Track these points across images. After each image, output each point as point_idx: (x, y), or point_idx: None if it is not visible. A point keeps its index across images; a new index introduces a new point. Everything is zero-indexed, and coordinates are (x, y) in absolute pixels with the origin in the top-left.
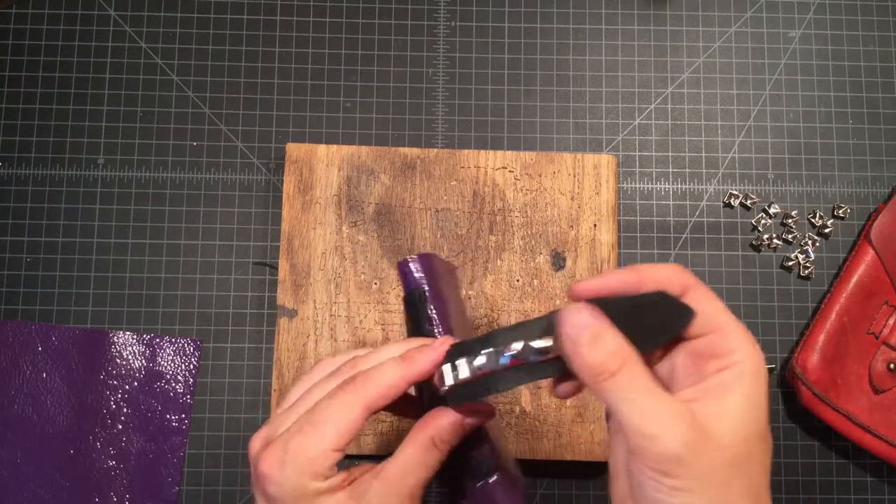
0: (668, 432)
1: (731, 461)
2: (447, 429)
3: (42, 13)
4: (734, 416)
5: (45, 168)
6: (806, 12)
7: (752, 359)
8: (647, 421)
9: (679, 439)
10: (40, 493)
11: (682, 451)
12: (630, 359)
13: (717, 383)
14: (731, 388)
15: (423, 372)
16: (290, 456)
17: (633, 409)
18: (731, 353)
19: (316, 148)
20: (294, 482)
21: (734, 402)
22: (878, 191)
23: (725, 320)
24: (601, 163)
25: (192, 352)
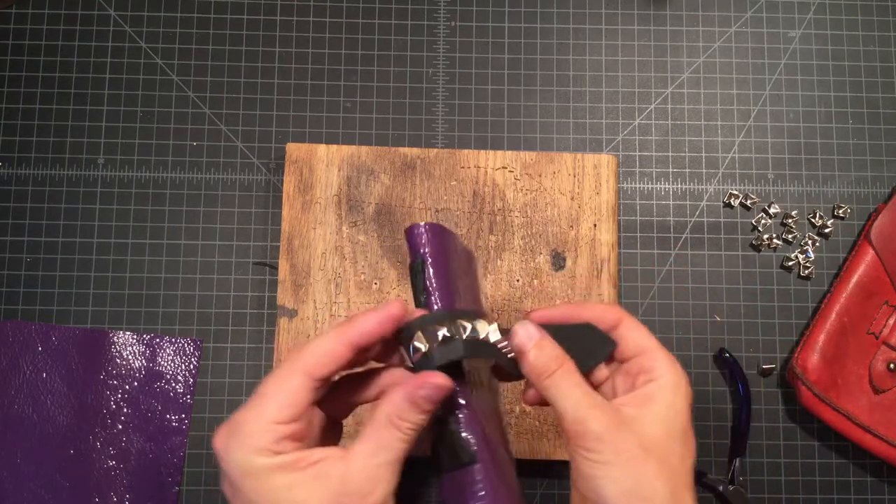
0: (592, 417)
1: (648, 447)
2: (399, 404)
3: (42, 13)
4: (655, 416)
5: (45, 168)
6: (806, 12)
7: (672, 374)
8: (576, 409)
9: (600, 422)
10: (40, 493)
11: (602, 431)
12: (566, 363)
13: (643, 392)
14: (654, 397)
15: (365, 334)
16: (233, 430)
17: (567, 401)
18: (654, 370)
19: (316, 148)
20: (239, 458)
21: (655, 406)
22: (878, 191)
23: (650, 344)
24: (601, 163)
25: (192, 352)
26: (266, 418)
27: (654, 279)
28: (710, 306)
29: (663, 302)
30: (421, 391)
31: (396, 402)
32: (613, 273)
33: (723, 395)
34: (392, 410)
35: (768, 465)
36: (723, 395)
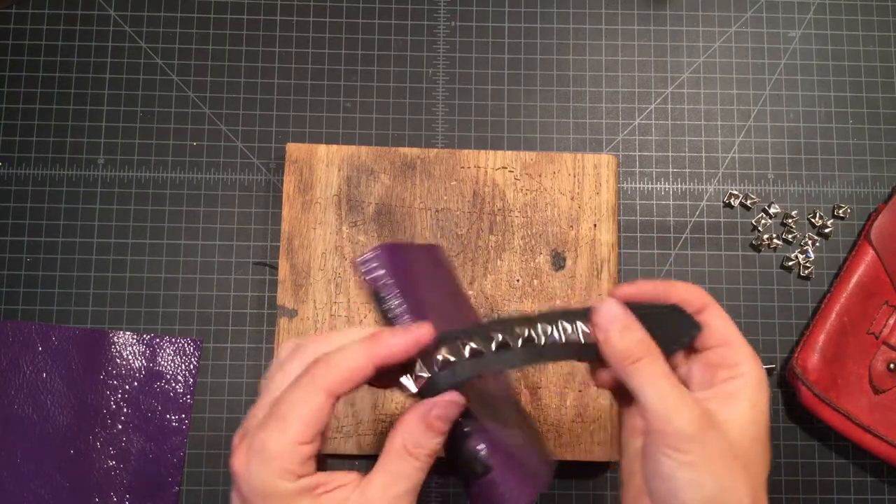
0: (682, 414)
1: (734, 454)
2: (413, 430)
3: (42, 13)
4: (740, 418)
5: (45, 168)
6: (806, 12)
7: (757, 371)
8: (665, 403)
9: (692, 420)
10: (40, 493)
11: (693, 431)
12: (653, 349)
13: (726, 389)
14: (738, 395)
15: (392, 355)
16: (255, 452)
17: (653, 393)
18: (738, 365)
19: (316, 148)
20: (262, 480)
21: (741, 406)
22: (878, 191)
23: (735, 336)
24: (601, 163)
25: (192, 352)
26: (290, 438)
27: (654, 279)
28: None
29: None
30: (434, 411)
31: (411, 428)
32: (613, 273)
33: None
34: (407, 439)
35: None
36: None
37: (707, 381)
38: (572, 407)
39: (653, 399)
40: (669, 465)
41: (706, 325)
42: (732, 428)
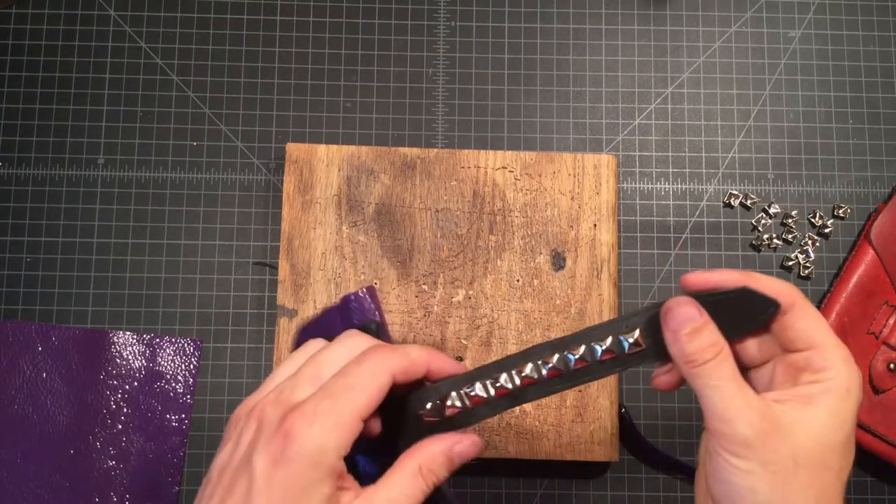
0: (742, 418)
1: (801, 460)
2: (435, 456)
3: (42, 13)
4: (814, 423)
5: (45, 168)
6: (806, 12)
7: (844, 377)
8: (726, 406)
9: (751, 425)
10: (40, 493)
11: (752, 437)
12: (723, 352)
13: (804, 392)
14: (816, 400)
15: (436, 370)
16: (321, 418)
17: (715, 395)
18: (825, 370)
19: (316, 148)
20: (318, 445)
21: (817, 412)
22: (878, 191)
23: (825, 339)
24: (601, 163)
25: (192, 352)
26: (357, 411)
27: (654, 279)
28: None
29: None
30: (458, 447)
31: (433, 454)
32: (613, 273)
33: None
34: (424, 461)
35: None
36: None
37: (788, 382)
38: (572, 407)
39: (714, 401)
40: (728, 469)
41: (792, 327)
42: (801, 434)
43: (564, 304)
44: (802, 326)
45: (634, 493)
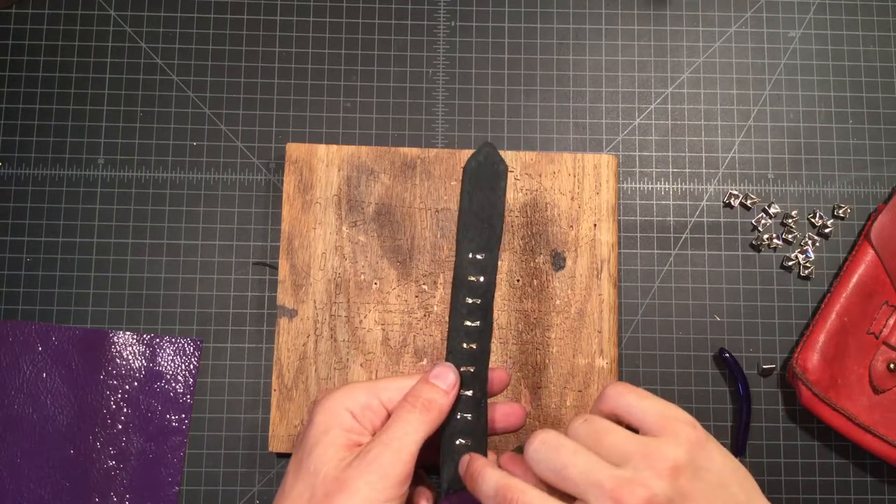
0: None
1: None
2: (417, 387)
3: (42, 13)
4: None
5: (45, 168)
6: (806, 12)
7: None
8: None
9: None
10: (40, 493)
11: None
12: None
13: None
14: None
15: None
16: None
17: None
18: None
19: (316, 148)
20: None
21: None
22: (878, 191)
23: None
24: (601, 163)
25: (192, 352)
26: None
27: (654, 279)
28: (710, 306)
29: (663, 302)
30: (434, 371)
31: (413, 386)
32: (613, 273)
33: (723, 395)
34: (408, 393)
35: (768, 465)
36: (723, 395)
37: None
38: (572, 407)
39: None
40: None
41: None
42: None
43: (564, 304)
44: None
45: None
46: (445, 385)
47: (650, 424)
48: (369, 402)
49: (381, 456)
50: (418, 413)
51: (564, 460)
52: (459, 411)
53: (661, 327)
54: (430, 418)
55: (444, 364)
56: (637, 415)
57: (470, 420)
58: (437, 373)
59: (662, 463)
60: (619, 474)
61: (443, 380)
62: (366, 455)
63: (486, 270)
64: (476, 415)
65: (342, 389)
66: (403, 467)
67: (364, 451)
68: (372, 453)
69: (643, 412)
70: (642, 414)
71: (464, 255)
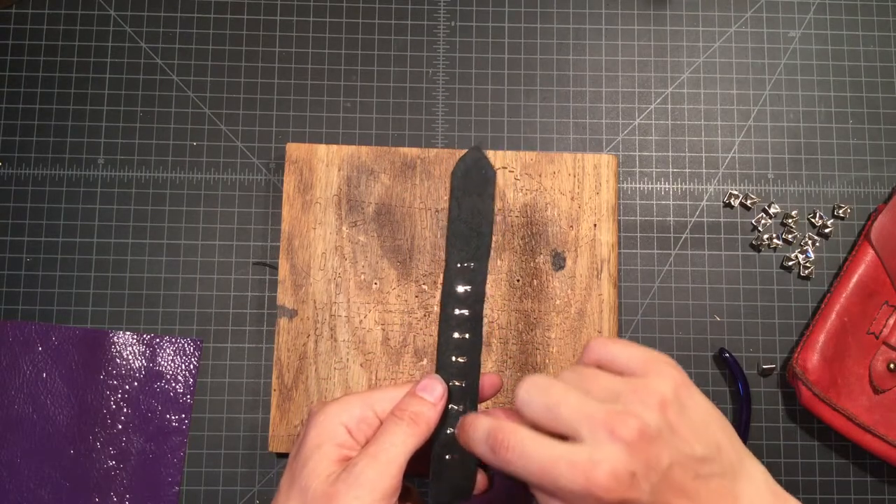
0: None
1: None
2: (406, 401)
3: (42, 13)
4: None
5: (45, 168)
6: (806, 12)
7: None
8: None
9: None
10: (40, 493)
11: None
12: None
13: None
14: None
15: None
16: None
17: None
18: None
19: (316, 148)
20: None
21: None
22: (878, 191)
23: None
24: (601, 163)
25: (192, 352)
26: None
27: (654, 279)
28: (710, 306)
29: (663, 302)
30: (421, 384)
31: (403, 398)
32: (613, 273)
33: (723, 395)
34: (397, 406)
35: (768, 465)
36: (723, 395)
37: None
38: None
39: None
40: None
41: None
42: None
43: (564, 304)
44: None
45: None
46: (433, 397)
47: (635, 367)
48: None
49: (368, 469)
50: (405, 426)
51: (555, 399)
52: (449, 426)
53: (661, 327)
54: (417, 431)
55: (432, 376)
56: (622, 360)
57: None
58: (425, 385)
59: (651, 397)
60: (610, 407)
61: (430, 392)
62: (353, 469)
63: (475, 280)
64: None
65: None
66: (391, 481)
67: (351, 464)
68: (359, 467)
69: (627, 357)
70: (626, 359)
71: (452, 264)
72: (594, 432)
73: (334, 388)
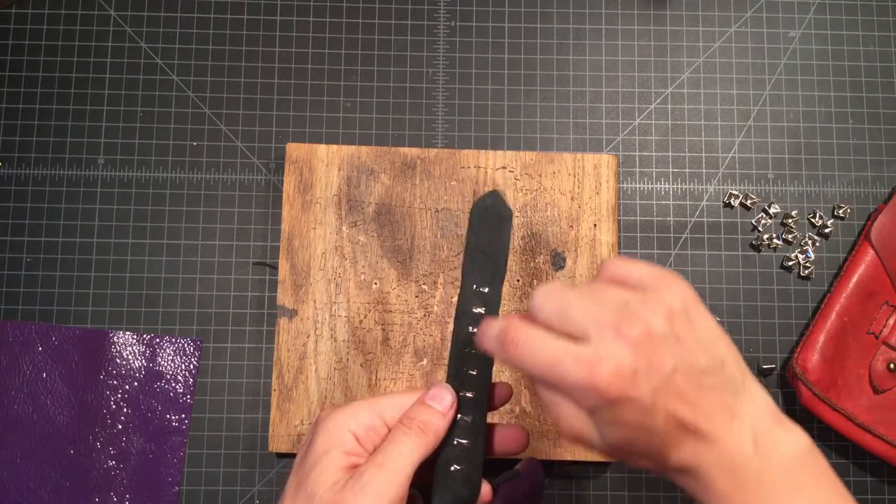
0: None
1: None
2: (415, 409)
3: (42, 13)
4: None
5: (45, 168)
6: (806, 12)
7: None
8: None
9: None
10: (40, 493)
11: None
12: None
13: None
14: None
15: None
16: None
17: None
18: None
19: (316, 148)
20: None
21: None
22: (878, 191)
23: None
24: (601, 163)
25: (192, 352)
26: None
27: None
28: (710, 306)
29: None
30: (430, 392)
31: (412, 407)
32: None
33: None
34: (405, 415)
35: None
36: None
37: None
38: None
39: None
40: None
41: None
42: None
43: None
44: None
45: (634, 493)
46: (442, 407)
47: (647, 282)
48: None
49: (375, 478)
50: (413, 435)
51: (567, 303)
52: (456, 437)
53: None
54: (425, 441)
55: (442, 385)
56: (634, 276)
57: (467, 446)
58: (434, 394)
59: (660, 306)
60: (620, 311)
61: (439, 401)
62: (360, 477)
63: (490, 303)
64: (474, 441)
65: (345, 409)
66: (398, 490)
67: (358, 473)
68: (366, 475)
69: (640, 273)
70: (639, 275)
71: (468, 286)
72: (601, 332)
73: (334, 388)
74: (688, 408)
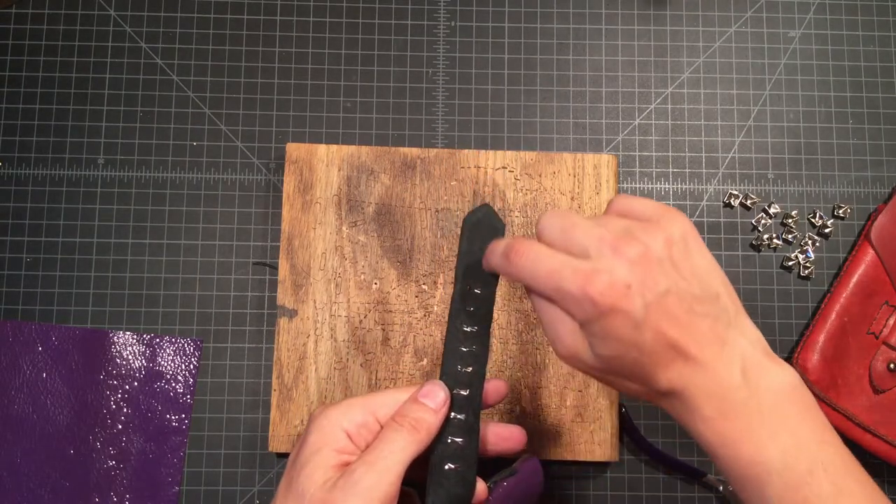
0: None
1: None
2: (406, 407)
3: (42, 13)
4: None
5: (45, 168)
6: (806, 12)
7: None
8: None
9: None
10: (40, 493)
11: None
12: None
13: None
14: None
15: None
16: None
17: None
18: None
19: (316, 148)
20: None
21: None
22: (878, 191)
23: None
24: (601, 163)
25: (192, 352)
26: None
27: None
28: None
29: None
30: (422, 389)
31: (403, 404)
32: None
33: None
34: (397, 413)
35: None
36: None
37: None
38: (572, 407)
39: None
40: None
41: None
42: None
43: None
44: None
45: (634, 493)
46: (434, 404)
47: (650, 215)
48: (365, 419)
49: (365, 477)
50: (405, 433)
51: (572, 224)
52: (450, 435)
53: None
54: (417, 438)
55: (434, 382)
56: (639, 210)
57: (461, 444)
58: (427, 391)
59: (659, 233)
60: (619, 233)
61: (432, 398)
62: (350, 476)
63: (485, 303)
64: (468, 440)
65: (338, 407)
66: (389, 488)
67: (349, 471)
68: (356, 474)
69: (644, 207)
70: (642, 208)
71: (463, 287)
72: (601, 250)
73: (334, 388)
74: (678, 330)
